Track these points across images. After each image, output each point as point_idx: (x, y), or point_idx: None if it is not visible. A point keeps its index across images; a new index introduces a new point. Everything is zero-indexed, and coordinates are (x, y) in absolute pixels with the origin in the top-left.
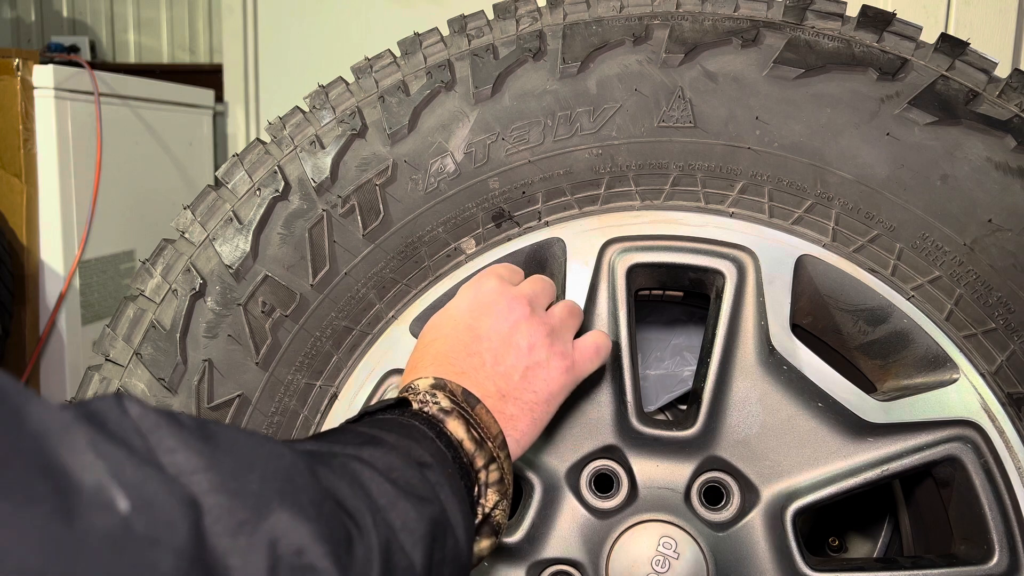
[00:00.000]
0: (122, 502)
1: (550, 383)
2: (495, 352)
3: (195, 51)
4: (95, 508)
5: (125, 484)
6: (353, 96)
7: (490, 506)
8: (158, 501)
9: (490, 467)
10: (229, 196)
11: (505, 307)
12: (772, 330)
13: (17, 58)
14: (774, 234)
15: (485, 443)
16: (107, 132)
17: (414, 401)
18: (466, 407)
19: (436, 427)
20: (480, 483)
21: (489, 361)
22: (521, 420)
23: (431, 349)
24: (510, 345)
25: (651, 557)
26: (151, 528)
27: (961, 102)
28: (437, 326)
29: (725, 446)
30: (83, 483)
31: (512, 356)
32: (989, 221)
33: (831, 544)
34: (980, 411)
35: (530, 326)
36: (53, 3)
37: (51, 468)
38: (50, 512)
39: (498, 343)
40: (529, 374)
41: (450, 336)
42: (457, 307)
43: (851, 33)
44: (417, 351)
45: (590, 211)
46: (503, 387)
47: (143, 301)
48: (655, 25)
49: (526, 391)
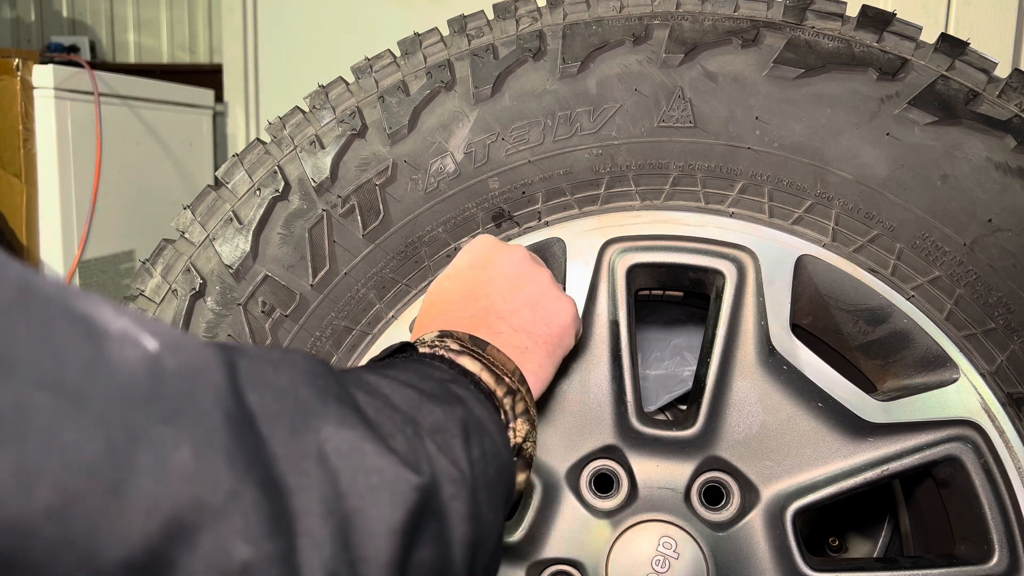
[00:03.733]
0: (150, 342)
1: (561, 317)
2: (503, 292)
3: (195, 51)
4: (124, 342)
5: (152, 331)
6: (353, 96)
7: (522, 435)
8: (189, 347)
9: (515, 398)
10: (229, 196)
11: (506, 251)
12: (772, 330)
13: (17, 58)
14: (774, 234)
15: (503, 378)
16: (107, 132)
17: (421, 347)
18: (476, 349)
19: (452, 363)
20: (506, 410)
21: (498, 300)
22: (536, 352)
23: (436, 307)
24: (518, 281)
25: (651, 557)
26: (184, 366)
27: (961, 102)
28: (439, 286)
29: (725, 446)
30: (108, 325)
31: (522, 292)
32: (989, 221)
33: (831, 544)
34: (980, 411)
35: (533, 266)
36: (53, 3)
37: (72, 313)
38: (79, 337)
39: (504, 283)
40: (540, 309)
41: (455, 288)
42: (456, 265)
43: (851, 33)
44: (422, 313)
45: (590, 211)
46: (516, 323)
47: (143, 301)
48: (655, 25)
49: (539, 324)
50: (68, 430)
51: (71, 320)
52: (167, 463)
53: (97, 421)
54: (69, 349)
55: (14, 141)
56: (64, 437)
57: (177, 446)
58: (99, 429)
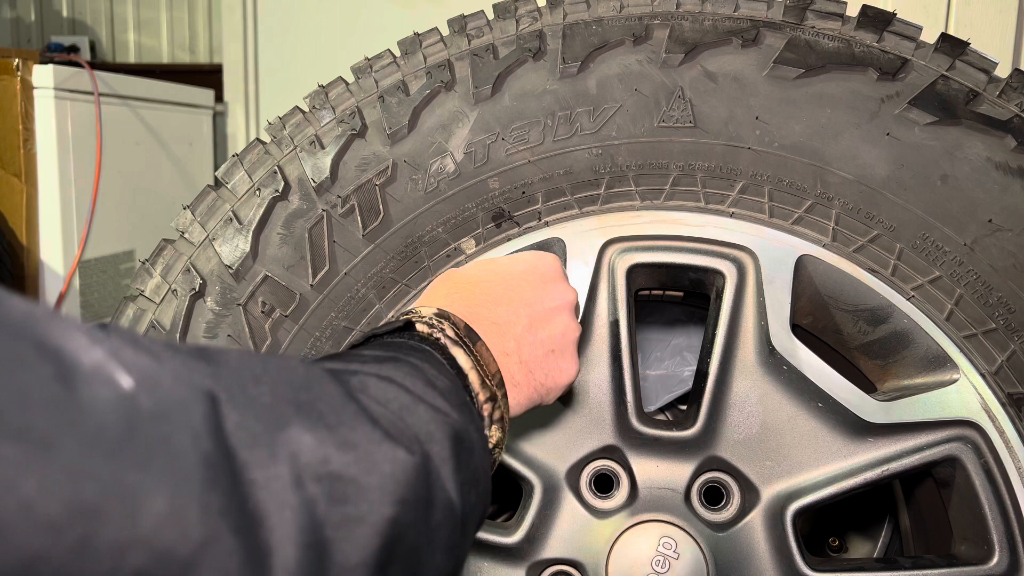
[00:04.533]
0: (124, 379)
1: (563, 377)
2: (529, 320)
3: (195, 51)
4: (96, 381)
5: (127, 365)
6: (353, 96)
7: (494, 442)
8: (165, 383)
9: (494, 404)
10: (229, 196)
11: (560, 288)
12: (772, 330)
13: (17, 58)
14: (774, 234)
15: (486, 381)
16: (107, 132)
17: (420, 323)
18: (468, 342)
19: (447, 354)
20: (485, 416)
21: (519, 324)
22: (522, 391)
23: (456, 284)
24: (549, 320)
25: (651, 557)
26: (160, 406)
27: (961, 102)
28: (477, 266)
29: (725, 446)
30: (80, 361)
31: (544, 331)
32: (989, 221)
33: (831, 544)
34: (980, 411)
35: (570, 317)
36: (53, 3)
37: (43, 346)
38: (49, 378)
39: (534, 312)
40: (552, 358)
41: (485, 279)
42: (506, 260)
43: (851, 33)
44: (438, 281)
45: (590, 211)
46: (525, 355)
47: (143, 301)
48: (655, 25)
49: (539, 370)
50: (32, 483)
51: (42, 355)
52: (138, 514)
53: (65, 473)
54: (38, 391)
55: (14, 141)
56: (27, 492)
57: (149, 495)
58: (67, 481)
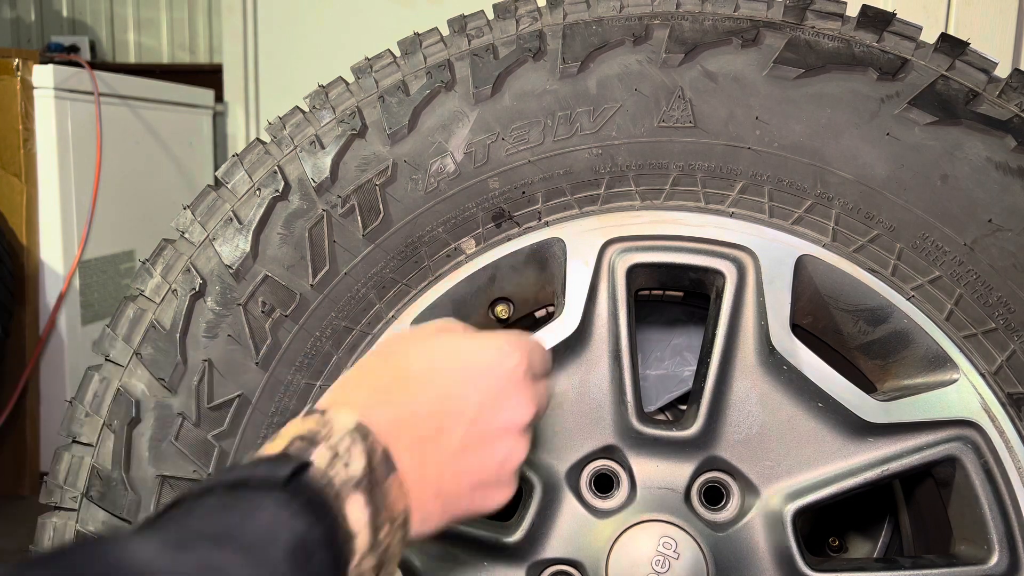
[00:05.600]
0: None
1: (486, 505)
2: (470, 439)
3: (195, 51)
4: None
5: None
6: (353, 96)
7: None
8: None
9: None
10: (229, 196)
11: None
12: (772, 330)
13: (17, 58)
14: (774, 234)
15: (378, 535)
16: (107, 132)
17: (321, 449)
18: (376, 479)
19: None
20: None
21: (457, 435)
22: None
23: (392, 366)
24: (488, 437)
25: (651, 557)
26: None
27: (961, 102)
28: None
29: (725, 446)
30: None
31: (479, 455)
32: (989, 221)
33: (831, 544)
34: (980, 411)
35: (519, 438)
36: (53, 3)
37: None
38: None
39: (477, 431)
40: (480, 490)
41: (431, 376)
42: (463, 345)
43: (851, 33)
44: (371, 356)
45: (590, 211)
46: (452, 470)
47: (143, 301)
48: (655, 25)
49: (464, 498)
50: None
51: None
52: None
53: None
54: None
55: (14, 141)
56: None
57: None
58: None
